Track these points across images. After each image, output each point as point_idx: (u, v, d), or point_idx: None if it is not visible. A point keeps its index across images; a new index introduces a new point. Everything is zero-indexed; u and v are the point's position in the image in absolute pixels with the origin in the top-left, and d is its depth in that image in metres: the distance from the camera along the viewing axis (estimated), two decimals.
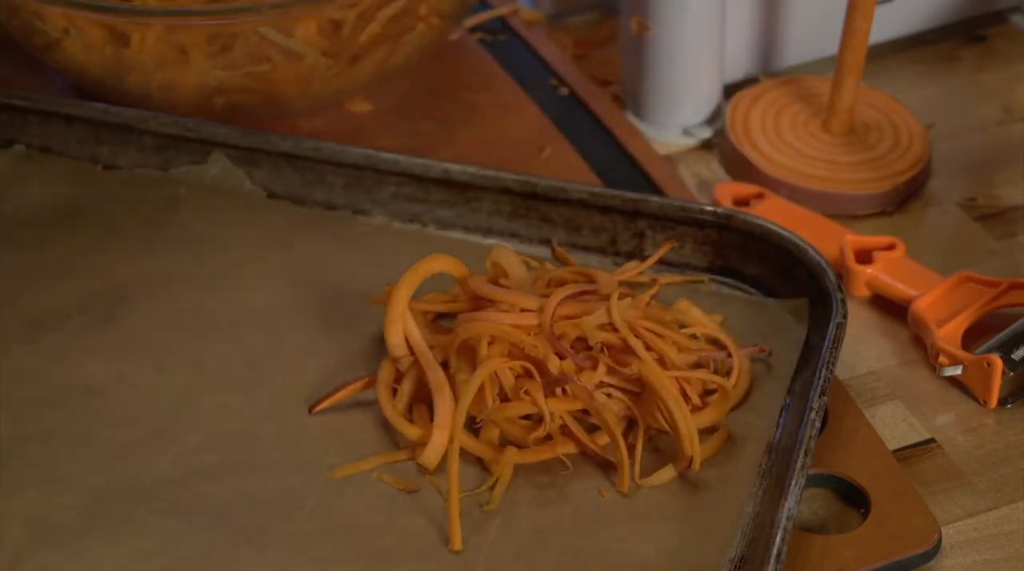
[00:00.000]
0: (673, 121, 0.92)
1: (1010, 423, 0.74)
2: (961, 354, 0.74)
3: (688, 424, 0.68)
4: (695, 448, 0.68)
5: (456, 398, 0.69)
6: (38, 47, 0.88)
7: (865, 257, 0.80)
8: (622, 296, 0.73)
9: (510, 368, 0.70)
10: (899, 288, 0.79)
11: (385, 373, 0.72)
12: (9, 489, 0.69)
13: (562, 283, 0.75)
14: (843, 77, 0.87)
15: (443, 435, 0.69)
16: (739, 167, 0.88)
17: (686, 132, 0.92)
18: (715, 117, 0.93)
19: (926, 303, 0.77)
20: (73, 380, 0.74)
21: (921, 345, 0.77)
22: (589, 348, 0.71)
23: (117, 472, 0.70)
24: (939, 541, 0.67)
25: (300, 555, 0.66)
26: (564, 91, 0.95)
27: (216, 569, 0.66)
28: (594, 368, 0.70)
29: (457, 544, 0.66)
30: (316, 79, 0.86)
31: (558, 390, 0.69)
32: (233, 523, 0.67)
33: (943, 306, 0.77)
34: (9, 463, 0.70)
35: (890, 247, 0.81)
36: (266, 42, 0.83)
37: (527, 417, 0.70)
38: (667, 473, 0.69)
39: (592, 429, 0.70)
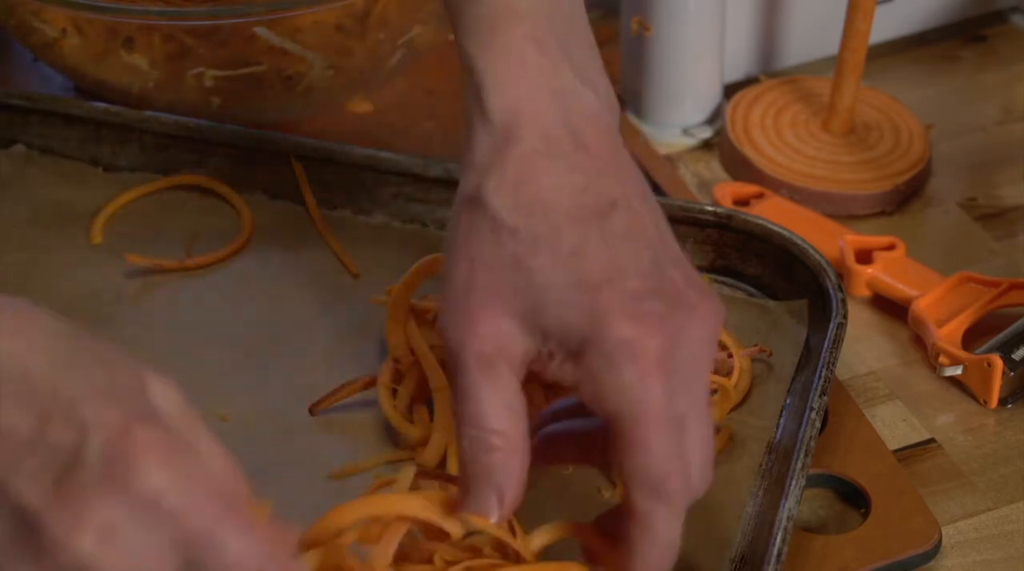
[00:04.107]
0: (673, 121, 0.92)
1: (1010, 423, 0.74)
2: (961, 354, 0.74)
3: None
4: None
5: None
6: (35, 46, 0.88)
7: (865, 257, 0.80)
8: None
9: None
10: (899, 288, 0.79)
11: (385, 374, 0.72)
12: None
13: None
14: (843, 77, 0.87)
15: (443, 436, 0.68)
16: (739, 167, 0.88)
17: (686, 132, 0.92)
18: (715, 117, 0.93)
19: (926, 303, 0.77)
20: None
21: (921, 345, 0.77)
22: None
23: None
24: (939, 541, 0.67)
25: None
26: None
27: None
28: None
29: None
30: (315, 79, 0.86)
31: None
32: None
33: (943, 306, 0.77)
34: None
35: (890, 247, 0.81)
36: (263, 42, 0.83)
37: None
38: None
39: None
